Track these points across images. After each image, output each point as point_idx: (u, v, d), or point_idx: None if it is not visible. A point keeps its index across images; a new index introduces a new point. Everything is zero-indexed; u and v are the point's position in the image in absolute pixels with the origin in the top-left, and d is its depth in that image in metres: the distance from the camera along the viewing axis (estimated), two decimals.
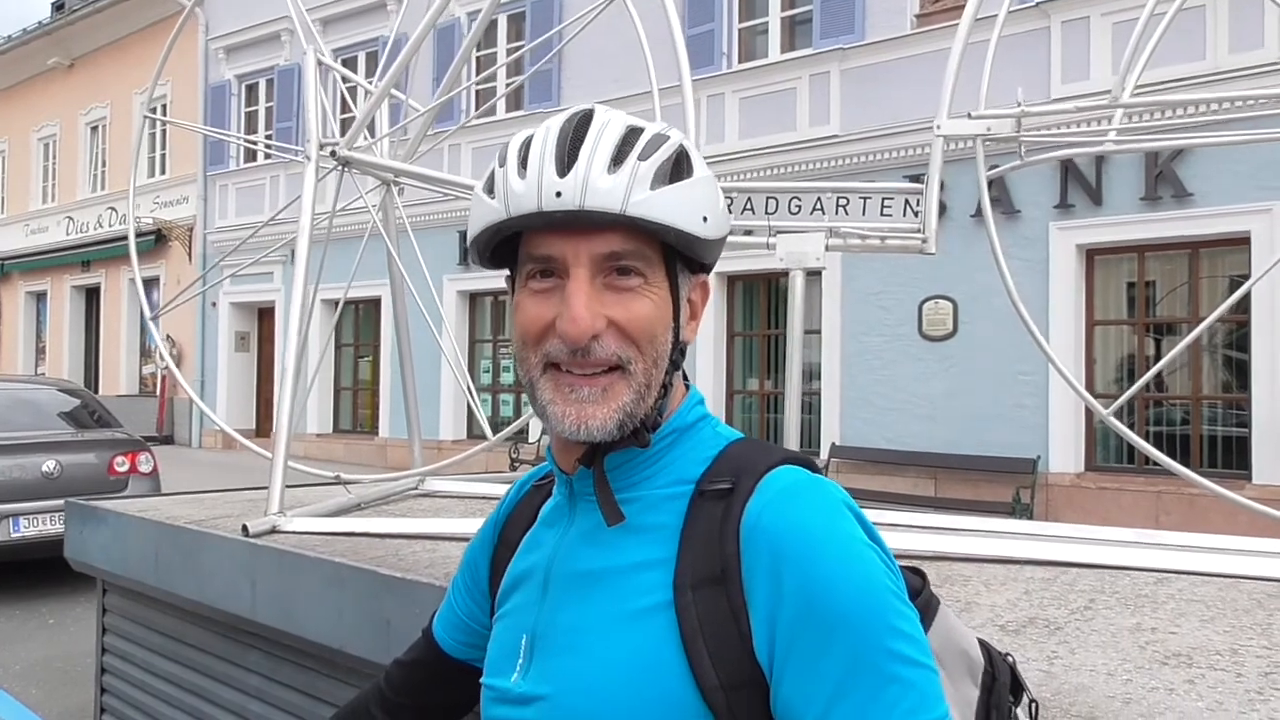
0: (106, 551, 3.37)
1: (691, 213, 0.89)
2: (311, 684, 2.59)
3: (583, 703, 0.86)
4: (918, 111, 9.76)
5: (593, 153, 0.87)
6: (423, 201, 12.15)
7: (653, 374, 0.90)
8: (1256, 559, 2.37)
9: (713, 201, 0.92)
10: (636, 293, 0.89)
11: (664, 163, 0.88)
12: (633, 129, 0.90)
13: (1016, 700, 1.00)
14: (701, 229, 0.89)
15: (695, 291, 0.97)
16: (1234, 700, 1.41)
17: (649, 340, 0.89)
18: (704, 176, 0.92)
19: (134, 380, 19.71)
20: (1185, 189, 8.82)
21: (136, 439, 7.92)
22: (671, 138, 0.91)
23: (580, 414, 0.88)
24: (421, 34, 3.50)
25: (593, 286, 0.87)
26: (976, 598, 2.06)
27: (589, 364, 0.87)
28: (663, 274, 0.91)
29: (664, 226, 0.87)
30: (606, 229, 0.87)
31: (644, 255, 0.89)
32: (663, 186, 0.87)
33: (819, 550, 0.82)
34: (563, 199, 0.86)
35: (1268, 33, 8.42)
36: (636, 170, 0.87)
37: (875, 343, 10.60)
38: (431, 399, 13.41)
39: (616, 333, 0.87)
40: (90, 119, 20.73)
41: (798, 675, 0.80)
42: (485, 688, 0.98)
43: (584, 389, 0.88)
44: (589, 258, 0.87)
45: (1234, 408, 9.07)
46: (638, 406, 0.89)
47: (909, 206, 2.99)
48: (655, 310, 0.89)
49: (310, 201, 3.27)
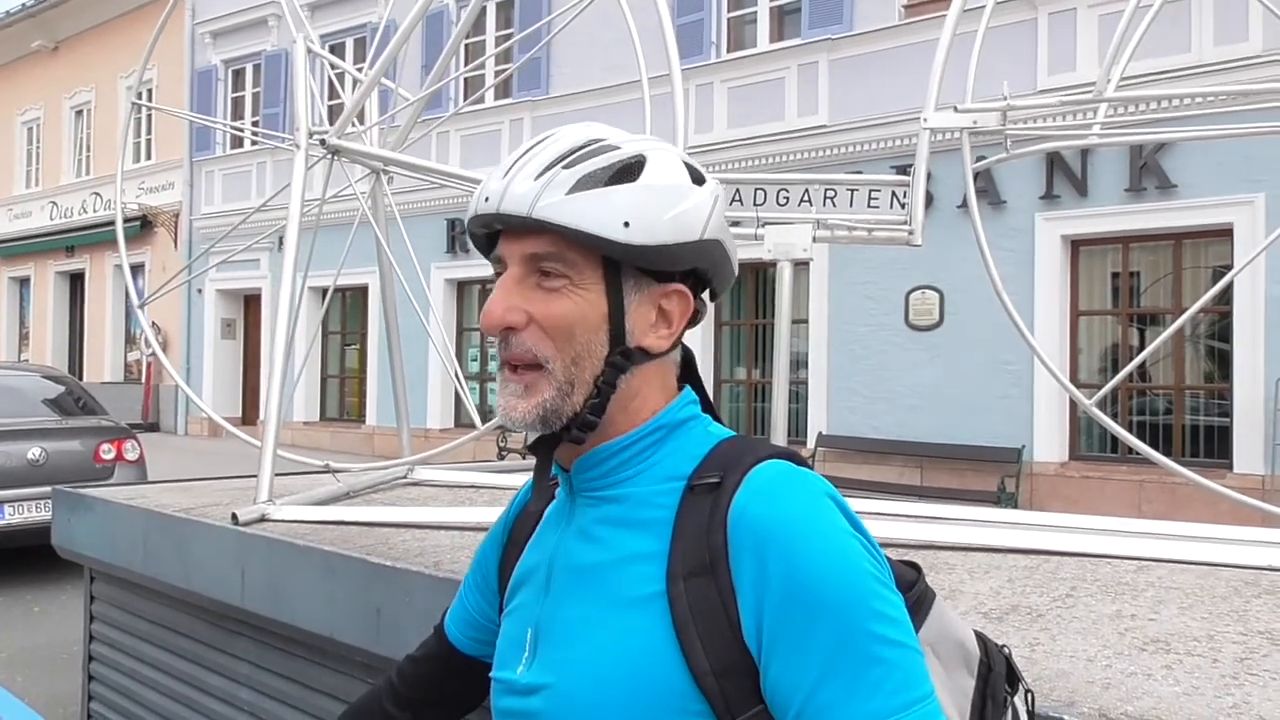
0: (94, 539, 3.37)
1: (610, 218, 0.89)
2: (300, 671, 2.61)
3: (582, 689, 0.90)
4: (906, 102, 9.78)
5: (526, 162, 0.92)
6: (411, 189, 12.10)
7: (573, 372, 0.92)
8: (1234, 547, 2.41)
9: (645, 209, 0.91)
10: (559, 293, 0.92)
11: (598, 170, 0.90)
12: (589, 141, 0.93)
13: (1013, 690, 1.04)
14: (620, 234, 0.90)
15: (667, 299, 0.96)
16: (1209, 685, 1.44)
17: (566, 338, 0.92)
18: (648, 185, 0.92)
19: (119, 367, 19.60)
20: (1169, 181, 8.87)
21: (122, 426, 7.89)
22: (624, 149, 0.93)
23: (507, 405, 0.94)
24: (411, 23, 3.50)
25: (520, 285, 0.93)
26: (961, 585, 2.09)
27: (511, 358, 0.94)
28: (596, 277, 0.93)
29: (568, 229, 0.89)
30: (532, 232, 0.91)
31: (566, 258, 0.91)
32: (582, 191, 0.90)
33: (802, 539, 0.85)
34: (489, 203, 0.93)
35: (1252, 26, 8.47)
36: (555, 177, 0.90)
37: (862, 332, 10.64)
38: (419, 387, 13.39)
39: (537, 329, 0.92)
40: (75, 103, 20.53)
41: (784, 659, 0.83)
42: (494, 681, 1.02)
43: (511, 384, 0.94)
44: (520, 257, 0.93)
45: (1216, 398, 9.15)
46: (562, 403, 0.93)
47: (896, 198, 3.01)
48: (576, 309, 0.92)
49: (300, 190, 3.27)
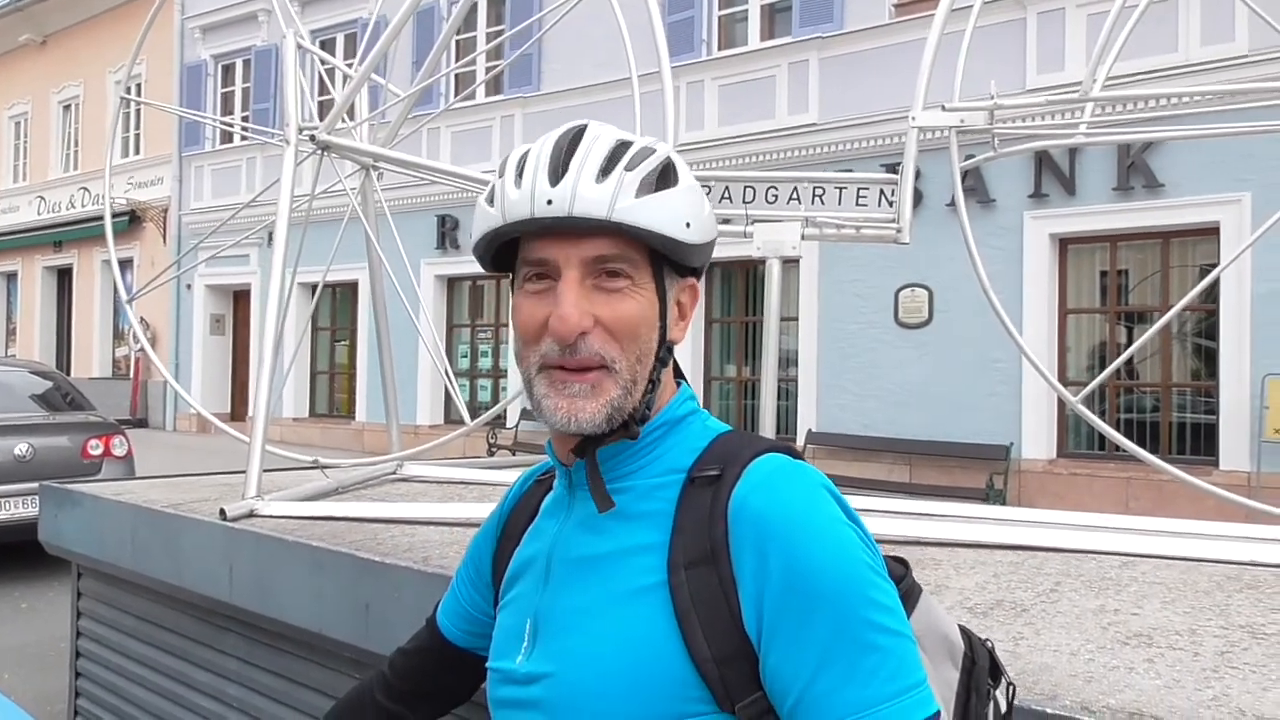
0: (82, 535, 3.36)
1: (674, 219, 0.94)
2: (289, 667, 2.61)
3: (585, 678, 0.92)
4: (895, 101, 9.80)
5: (583, 163, 0.93)
6: (401, 185, 12.07)
7: (638, 370, 0.95)
8: (1217, 543, 2.43)
9: (696, 209, 0.97)
10: (623, 294, 0.94)
11: (650, 172, 0.94)
12: (622, 142, 0.96)
13: (995, 683, 1.06)
14: (684, 234, 0.95)
15: (684, 294, 1.02)
16: (1190, 678, 1.46)
17: (633, 338, 0.94)
18: (689, 186, 0.97)
19: (107, 363, 19.49)
20: (1157, 179, 8.92)
21: (110, 422, 7.86)
22: (658, 150, 0.97)
23: (571, 407, 0.94)
24: (402, 19, 3.49)
25: (582, 287, 0.93)
26: (947, 581, 2.10)
27: (578, 362, 0.93)
28: (649, 276, 0.96)
29: (648, 232, 0.93)
30: (595, 234, 0.93)
31: (630, 259, 0.94)
32: (648, 195, 0.93)
33: (801, 530, 0.88)
34: (553, 206, 0.92)
35: (1238, 26, 8.52)
36: (623, 179, 0.93)
37: (852, 330, 10.67)
38: (409, 383, 13.36)
39: (603, 331, 0.93)
40: (63, 97, 20.40)
41: (784, 647, 0.86)
42: (491, 671, 1.04)
43: (575, 384, 0.94)
44: (579, 261, 0.93)
45: (1203, 395, 9.21)
46: (625, 401, 0.94)
47: (884, 197, 3.03)
48: (640, 310, 0.95)
49: (289, 186, 3.27)
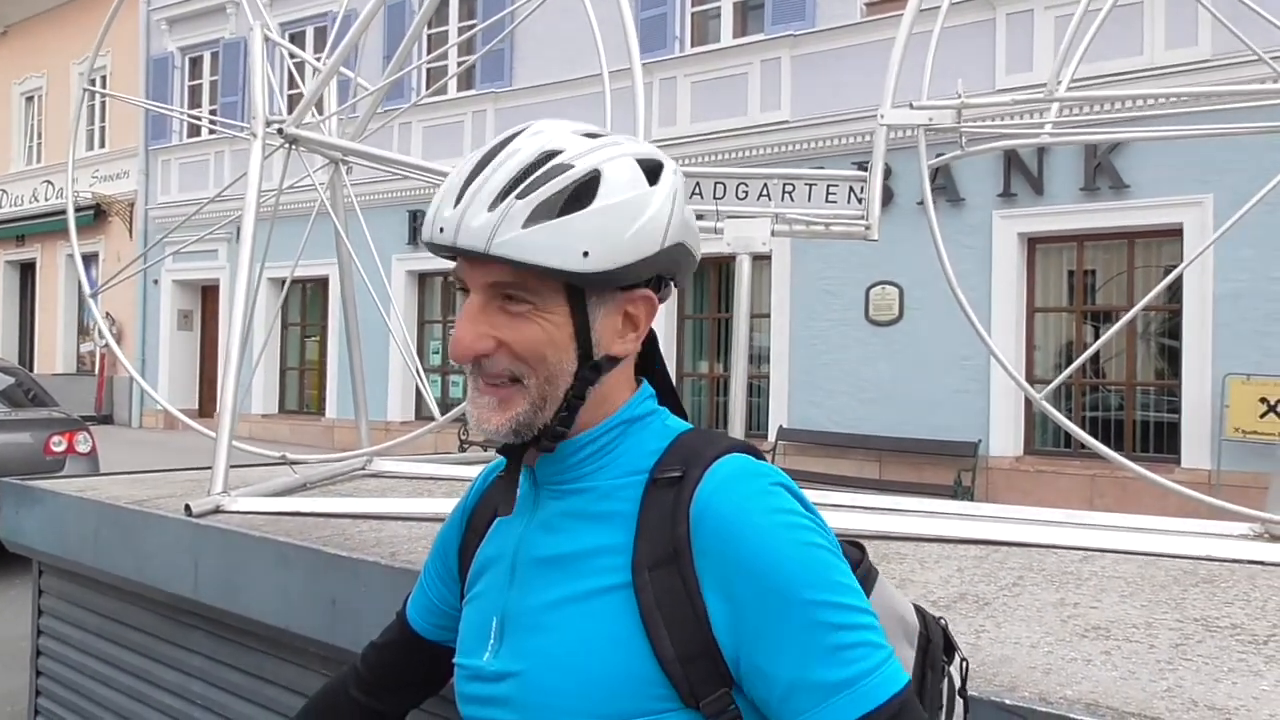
0: (43, 532, 3.31)
1: (566, 249, 0.89)
2: (255, 663, 2.59)
3: (552, 677, 0.93)
4: (866, 99, 9.86)
5: (478, 190, 0.91)
6: (371, 180, 11.97)
7: (547, 390, 0.94)
8: (1176, 538, 2.48)
9: (606, 233, 0.90)
10: (526, 318, 0.93)
11: (551, 197, 0.89)
12: (540, 158, 0.91)
13: (949, 659, 1.10)
14: (580, 264, 0.89)
15: (634, 304, 0.97)
16: (1145, 670, 1.49)
17: (538, 360, 0.93)
18: (606, 207, 0.91)
19: (71, 358, 19.21)
20: (1122, 180, 9.05)
21: (74, 418, 7.75)
22: (577, 166, 0.91)
23: (480, 417, 0.96)
24: (371, 11, 3.47)
25: (486, 310, 0.93)
26: (911, 574, 2.13)
27: (487, 377, 0.95)
28: (560, 300, 0.93)
29: (526, 265, 0.89)
30: (491, 261, 0.90)
31: (528, 286, 0.92)
32: (541, 223, 0.89)
33: (763, 530, 0.89)
34: (444, 234, 0.91)
35: (1201, 31, 8.66)
36: (510, 209, 0.89)
37: (823, 327, 10.73)
38: (379, 380, 13.28)
39: (507, 352, 0.93)
40: (25, 89, 20.07)
41: (758, 647, 0.87)
42: (459, 667, 1.04)
43: (484, 397, 0.95)
44: (481, 284, 0.93)
45: (1166, 394, 9.35)
46: (534, 417, 0.95)
47: (853, 194, 3.05)
48: (544, 334, 0.93)
49: (256, 180, 3.23)
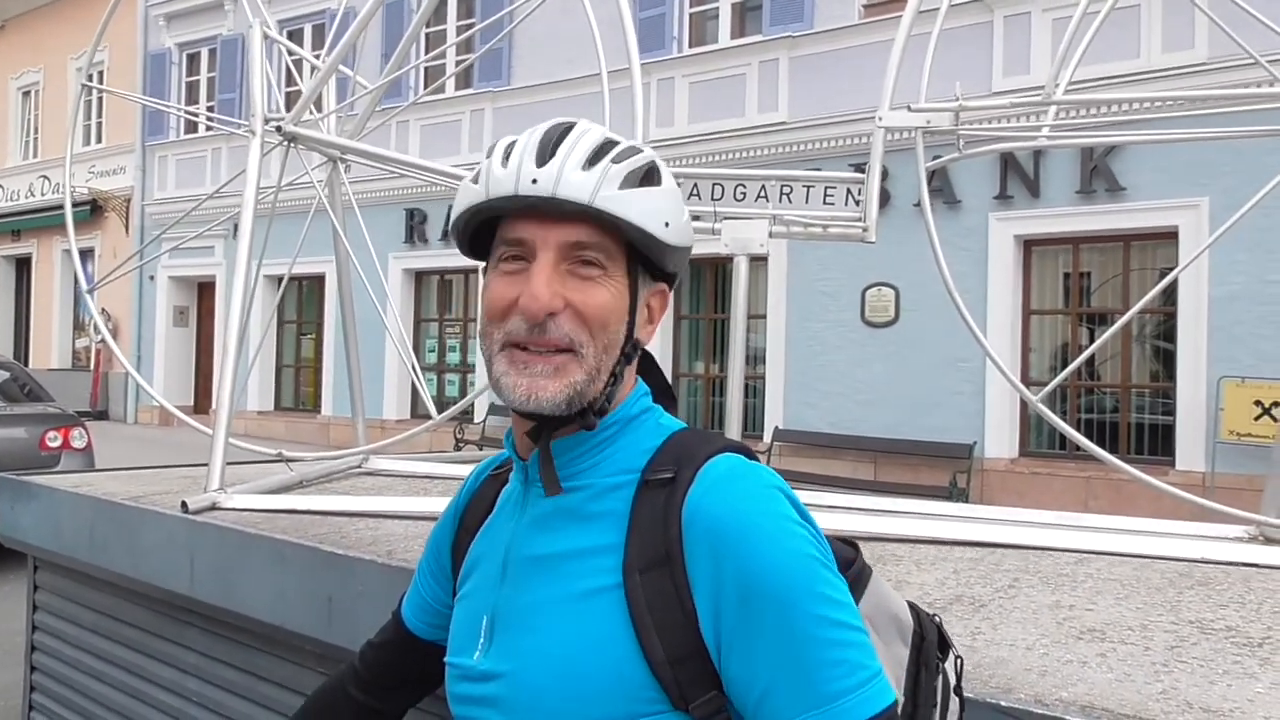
0: (39, 528, 3.31)
1: (655, 216, 0.95)
2: (250, 661, 2.59)
3: (541, 678, 0.92)
4: (864, 101, 9.86)
5: (570, 150, 0.94)
6: (369, 178, 11.96)
7: (603, 360, 0.95)
8: (1170, 540, 2.49)
9: (676, 212, 0.99)
10: (596, 282, 0.95)
11: (635, 169, 0.96)
12: (610, 140, 0.98)
13: (944, 656, 1.09)
14: (663, 233, 0.96)
15: (655, 297, 1.03)
16: (1140, 672, 1.49)
17: (601, 327, 0.95)
18: (671, 189, 1.00)
19: (67, 354, 19.16)
20: (1118, 183, 9.06)
21: (69, 414, 7.74)
22: (644, 152, 0.99)
23: (531, 386, 0.93)
24: (371, 10, 3.47)
25: (556, 270, 0.94)
26: (907, 576, 2.13)
27: (545, 342, 0.93)
28: (624, 270, 0.97)
29: (627, 223, 0.94)
30: (575, 219, 0.93)
31: (606, 249, 0.95)
32: (631, 189, 0.95)
33: (754, 533, 0.89)
34: (538, 185, 0.92)
35: (1198, 34, 8.67)
36: (608, 170, 0.94)
37: (819, 328, 10.74)
38: (376, 378, 13.25)
39: (573, 315, 0.93)
40: (22, 84, 20.02)
41: (742, 651, 0.87)
42: (449, 665, 1.04)
43: (538, 365, 0.94)
44: (556, 243, 0.94)
45: (1160, 396, 9.37)
46: (588, 388, 0.94)
47: (851, 195, 3.06)
48: (611, 300, 0.96)
49: (255, 177, 3.23)
